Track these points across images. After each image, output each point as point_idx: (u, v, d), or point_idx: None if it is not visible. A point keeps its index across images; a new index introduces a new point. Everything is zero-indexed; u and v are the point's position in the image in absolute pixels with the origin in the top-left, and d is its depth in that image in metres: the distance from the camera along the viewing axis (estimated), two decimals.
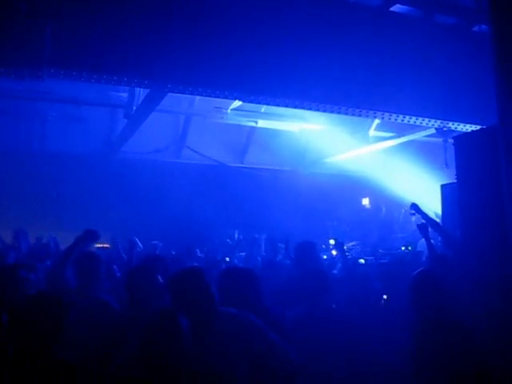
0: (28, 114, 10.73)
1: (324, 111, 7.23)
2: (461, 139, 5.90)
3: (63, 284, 4.87)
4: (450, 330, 3.73)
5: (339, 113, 7.15)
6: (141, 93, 8.55)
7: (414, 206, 6.35)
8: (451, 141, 6.83)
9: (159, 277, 4.39)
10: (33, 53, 5.11)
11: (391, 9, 7.06)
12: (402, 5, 7.06)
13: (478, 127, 7.04)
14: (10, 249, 7.53)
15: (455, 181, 5.90)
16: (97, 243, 9.55)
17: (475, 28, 7.43)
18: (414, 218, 12.34)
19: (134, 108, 8.87)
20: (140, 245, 8.60)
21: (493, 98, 4.34)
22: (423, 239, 6.25)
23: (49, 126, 11.00)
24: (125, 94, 9.30)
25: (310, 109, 7.07)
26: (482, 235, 5.15)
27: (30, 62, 5.18)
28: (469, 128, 7.67)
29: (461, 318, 3.90)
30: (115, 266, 6.56)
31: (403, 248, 8.22)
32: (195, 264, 6.73)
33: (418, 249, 8.91)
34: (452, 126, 7.78)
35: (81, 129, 10.87)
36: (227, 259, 8.37)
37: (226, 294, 3.73)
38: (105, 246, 10.35)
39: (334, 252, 7.95)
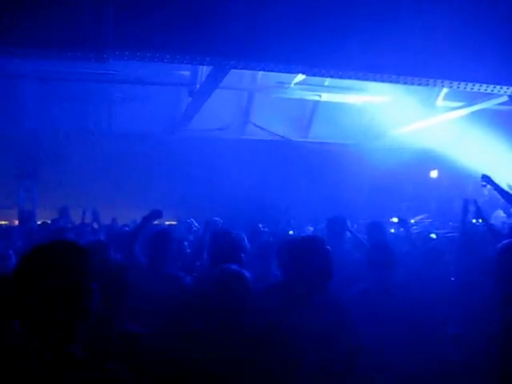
0: (95, 97, 11.02)
1: (389, 82, 7.02)
2: None
3: (135, 261, 5.04)
4: None
5: (404, 83, 6.93)
6: (203, 70, 8.60)
7: (485, 178, 6.13)
8: None
9: None
10: (97, 35, 5.21)
11: None
12: None
13: None
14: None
15: None
16: (164, 220, 9.85)
17: None
18: (486, 191, 11.99)
19: (198, 86, 8.94)
20: (196, 224, 8.77)
21: None
22: (497, 211, 6.06)
23: (115, 107, 11.29)
24: (187, 73, 9.38)
25: (374, 80, 6.89)
26: None
27: (94, 45, 5.29)
28: None
29: None
30: (186, 243, 6.74)
31: (474, 221, 7.97)
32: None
33: (492, 221, 8.64)
34: None
35: (146, 108, 11.10)
36: (291, 232, 8.41)
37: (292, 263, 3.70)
38: (172, 223, 10.62)
39: (394, 219, 7.80)
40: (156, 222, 7.24)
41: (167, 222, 10.18)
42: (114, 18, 5.22)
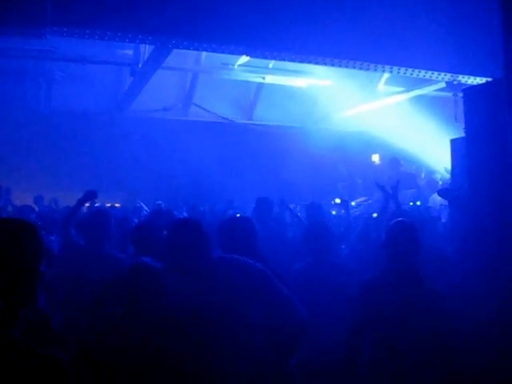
0: (34, 74, 10.66)
1: (331, 65, 7.09)
2: (470, 92, 5.84)
3: (71, 241, 4.98)
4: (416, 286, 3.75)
5: (347, 67, 7.03)
6: (146, 50, 8.46)
7: (442, 192, 6.40)
8: (461, 94, 6.76)
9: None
10: (34, 11, 5.05)
11: None
12: None
13: (490, 80, 6.93)
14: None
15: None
16: (107, 203, 9.72)
17: None
18: (423, 174, 12.36)
19: (140, 65, 8.80)
20: (146, 208, 8.71)
21: None
22: (434, 194, 6.33)
23: (55, 85, 10.95)
24: (130, 52, 9.21)
25: (316, 63, 6.95)
26: (489, 188, 5.14)
27: (31, 21, 5.12)
28: (479, 81, 7.52)
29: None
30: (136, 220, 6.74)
31: (411, 203, 8.23)
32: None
33: (429, 204, 8.92)
34: (462, 79, 7.61)
35: (87, 87, 10.82)
36: (238, 215, 8.46)
37: (225, 243, 3.82)
38: (115, 205, 10.49)
39: (337, 200, 7.98)
40: (89, 204, 7.12)
41: (108, 204, 10.05)
42: None
